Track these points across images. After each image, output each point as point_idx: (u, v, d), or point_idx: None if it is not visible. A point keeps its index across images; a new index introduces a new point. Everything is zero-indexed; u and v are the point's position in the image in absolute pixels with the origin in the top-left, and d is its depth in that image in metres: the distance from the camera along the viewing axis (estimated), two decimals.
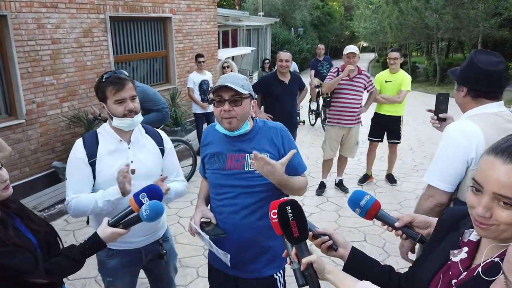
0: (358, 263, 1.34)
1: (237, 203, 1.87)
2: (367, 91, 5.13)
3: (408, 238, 1.39)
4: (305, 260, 1.23)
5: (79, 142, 2.03)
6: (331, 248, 1.37)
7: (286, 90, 4.91)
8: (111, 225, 1.65)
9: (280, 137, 1.90)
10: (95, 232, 1.65)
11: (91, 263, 3.60)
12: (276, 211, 1.27)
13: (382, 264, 1.37)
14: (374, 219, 1.44)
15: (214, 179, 1.94)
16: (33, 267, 1.45)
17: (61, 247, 1.68)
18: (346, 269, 1.34)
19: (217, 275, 2.05)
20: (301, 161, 1.97)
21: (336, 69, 5.08)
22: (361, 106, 5.09)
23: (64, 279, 3.44)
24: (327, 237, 1.37)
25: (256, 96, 5.18)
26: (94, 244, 1.62)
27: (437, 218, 1.45)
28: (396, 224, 1.40)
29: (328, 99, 5.14)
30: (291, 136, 1.98)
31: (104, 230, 1.63)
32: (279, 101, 4.89)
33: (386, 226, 1.43)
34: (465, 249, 1.05)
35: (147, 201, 1.63)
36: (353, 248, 1.37)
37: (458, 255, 1.05)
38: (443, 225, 1.21)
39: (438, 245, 1.17)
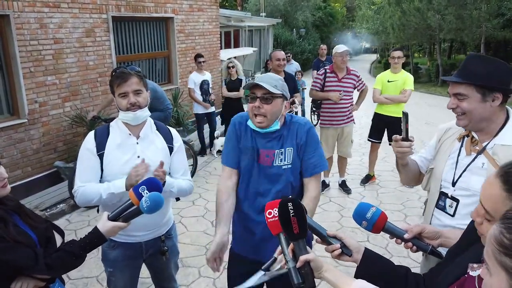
0: (371, 267, 1.30)
1: (264, 193, 1.95)
2: (358, 90, 5.15)
3: (419, 250, 1.35)
4: (303, 257, 1.23)
5: (90, 134, 2.10)
6: (344, 254, 1.34)
7: None
8: (111, 219, 1.66)
9: (305, 133, 1.97)
10: (95, 226, 1.65)
11: (93, 262, 3.61)
12: (271, 210, 1.31)
13: (398, 265, 1.32)
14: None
15: (247, 169, 1.99)
16: (34, 263, 1.46)
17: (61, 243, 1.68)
18: (358, 272, 1.30)
19: (242, 263, 2.06)
20: (319, 160, 1.99)
21: (323, 71, 5.10)
22: (351, 105, 5.10)
23: (66, 279, 3.44)
24: (338, 245, 1.34)
25: None
26: (95, 239, 1.62)
27: (448, 229, 1.41)
28: (406, 236, 1.35)
29: (319, 101, 5.16)
30: (316, 133, 2.04)
31: (104, 224, 1.64)
32: None
33: (395, 238, 1.39)
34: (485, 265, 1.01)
35: (147, 193, 1.64)
36: (366, 250, 1.33)
37: (477, 270, 1.01)
38: (469, 235, 1.17)
39: (460, 254, 1.13)
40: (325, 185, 5.47)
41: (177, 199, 2.36)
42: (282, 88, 1.91)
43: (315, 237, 1.40)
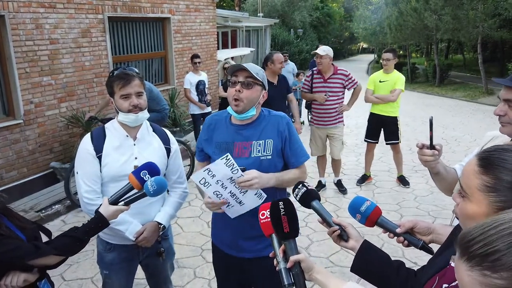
0: (367, 257, 1.34)
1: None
2: (348, 89, 5.06)
3: (410, 245, 1.37)
4: (293, 258, 1.25)
5: (87, 137, 2.09)
6: (341, 238, 1.39)
7: (275, 90, 4.93)
8: (111, 203, 1.68)
9: (285, 124, 2.01)
10: (98, 211, 1.67)
11: (88, 263, 3.61)
12: (264, 212, 1.34)
13: (394, 259, 1.36)
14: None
15: None
16: (35, 249, 1.49)
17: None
18: (354, 261, 1.35)
19: (222, 256, 2.11)
20: (302, 149, 2.06)
21: (311, 72, 5.14)
22: (340, 105, 5.05)
23: (61, 280, 3.43)
24: (337, 227, 1.39)
25: None
26: (99, 223, 1.65)
27: (440, 224, 1.43)
28: (398, 230, 1.37)
29: (309, 102, 5.22)
30: (293, 125, 2.09)
31: (107, 209, 1.66)
32: (268, 103, 4.92)
33: (388, 232, 1.41)
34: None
35: (148, 177, 1.69)
36: (364, 241, 1.37)
37: None
38: (457, 231, 1.19)
39: (447, 249, 1.16)
40: (321, 186, 5.47)
41: None
42: (262, 78, 1.97)
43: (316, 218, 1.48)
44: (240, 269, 2.08)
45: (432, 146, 1.60)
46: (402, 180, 5.72)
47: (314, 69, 5.15)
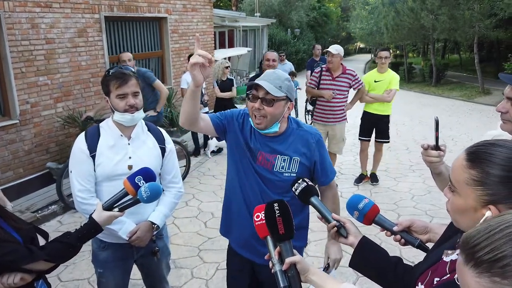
0: (365, 253, 1.34)
1: (258, 193, 1.91)
2: (354, 89, 5.14)
3: (407, 244, 1.38)
4: (288, 259, 1.24)
5: (81, 136, 2.08)
6: (341, 235, 1.39)
7: None
8: (105, 208, 1.66)
9: (316, 143, 1.92)
10: (91, 217, 1.65)
11: (84, 264, 3.59)
12: (259, 214, 1.31)
13: (392, 255, 1.36)
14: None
15: (244, 164, 1.93)
16: (29, 254, 1.47)
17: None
18: (353, 257, 1.35)
19: (236, 259, 2.11)
20: (331, 166, 2.02)
21: (320, 69, 5.15)
22: (343, 104, 5.12)
23: (57, 281, 3.41)
24: (335, 223, 1.39)
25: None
26: (92, 229, 1.63)
27: (437, 223, 1.44)
28: (395, 229, 1.38)
29: (314, 98, 5.25)
30: (323, 141, 2.02)
31: (100, 214, 1.64)
32: None
33: (385, 231, 1.42)
34: (458, 251, 1.04)
35: (143, 183, 1.67)
36: (363, 238, 1.38)
37: (450, 256, 1.05)
38: (452, 226, 1.20)
39: (442, 244, 1.17)
40: None
41: None
42: (287, 89, 1.80)
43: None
44: (252, 272, 2.08)
45: (437, 147, 1.59)
46: (373, 177, 5.79)
47: (323, 66, 5.17)
